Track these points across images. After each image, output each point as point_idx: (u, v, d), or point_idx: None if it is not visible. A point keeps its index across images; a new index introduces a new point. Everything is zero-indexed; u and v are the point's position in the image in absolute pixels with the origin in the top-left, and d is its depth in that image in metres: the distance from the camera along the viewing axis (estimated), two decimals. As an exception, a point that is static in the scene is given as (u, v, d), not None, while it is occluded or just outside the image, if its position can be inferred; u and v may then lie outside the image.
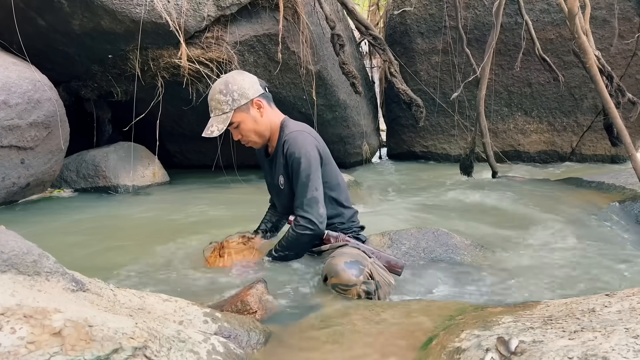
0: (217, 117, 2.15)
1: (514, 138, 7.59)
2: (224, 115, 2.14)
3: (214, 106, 2.17)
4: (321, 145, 2.24)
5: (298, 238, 2.14)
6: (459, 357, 1.10)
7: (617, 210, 3.51)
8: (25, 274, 1.11)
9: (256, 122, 2.19)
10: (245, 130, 2.20)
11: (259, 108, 2.19)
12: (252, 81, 2.20)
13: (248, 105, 2.16)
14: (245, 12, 4.87)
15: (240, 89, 2.15)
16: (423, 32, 7.46)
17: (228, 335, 1.32)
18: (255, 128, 2.20)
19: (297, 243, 2.16)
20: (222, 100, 2.13)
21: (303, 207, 2.12)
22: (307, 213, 2.11)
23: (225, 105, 2.13)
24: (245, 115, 2.17)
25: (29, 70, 4.00)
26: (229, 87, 2.14)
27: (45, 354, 0.86)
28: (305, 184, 2.11)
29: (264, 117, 2.21)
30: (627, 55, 6.91)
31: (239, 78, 2.18)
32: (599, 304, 1.21)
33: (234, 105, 2.13)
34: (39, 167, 4.07)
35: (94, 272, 2.00)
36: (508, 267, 2.41)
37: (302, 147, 2.13)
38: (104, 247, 2.94)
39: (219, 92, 2.15)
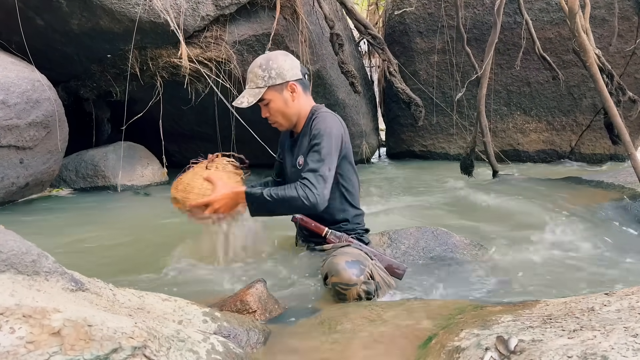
0: (250, 89, 2.16)
1: (513, 137, 7.60)
2: (257, 89, 2.14)
3: (250, 78, 2.17)
4: (346, 136, 2.21)
5: (295, 198, 1.98)
6: (458, 356, 1.10)
7: (616, 208, 3.52)
8: (24, 274, 1.11)
9: (286, 104, 2.18)
10: (273, 109, 2.18)
11: (293, 92, 2.18)
12: (294, 64, 2.20)
13: (283, 86, 2.16)
14: (244, 12, 4.87)
15: (279, 68, 2.15)
16: (422, 32, 7.46)
17: (227, 334, 1.32)
18: (284, 110, 2.19)
19: (289, 202, 2.00)
20: (259, 75, 2.14)
21: (313, 178, 2.01)
22: (314, 186, 1.99)
23: (261, 80, 2.14)
24: (277, 95, 2.16)
25: (28, 70, 4.00)
26: (270, 64, 2.15)
27: (45, 353, 0.86)
28: (321, 160, 2.04)
29: (295, 102, 2.19)
30: (626, 54, 6.92)
31: (281, 58, 2.19)
32: (598, 303, 1.21)
33: (269, 83, 2.13)
34: (38, 166, 4.07)
35: (93, 271, 2.00)
36: (507, 266, 2.41)
37: (330, 126, 2.11)
38: (102, 247, 2.94)
39: (259, 66, 2.15)
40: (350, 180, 2.26)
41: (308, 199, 1.97)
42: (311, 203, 1.98)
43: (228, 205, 2.10)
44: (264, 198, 2.02)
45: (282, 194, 2.00)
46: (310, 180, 2.00)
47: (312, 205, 1.99)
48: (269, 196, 2.01)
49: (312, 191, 1.98)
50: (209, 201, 2.06)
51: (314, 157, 2.05)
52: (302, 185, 1.99)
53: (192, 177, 2.17)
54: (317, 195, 1.98)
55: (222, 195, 2.06)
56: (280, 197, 2.00)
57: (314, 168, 2.02)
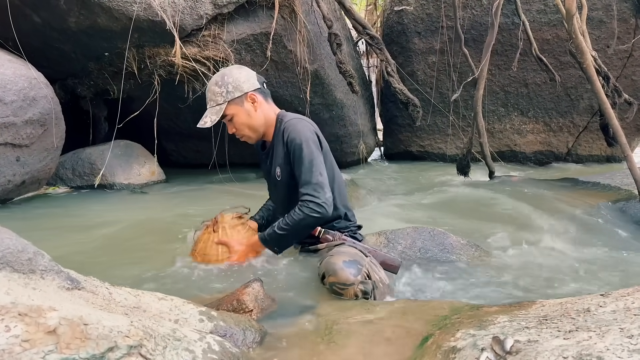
0: (211, 108, 2.18)
1: (510, 138, 7.61)
2: (218, 107, 2.16)
3: (209, 97, 2.19)
4: (320, 135, 2.24)
5: (304, 219, 2.05)
6: (454, 356, 1.10)
7: (612, 210, 3.53)
8: (20, 272, 1.11)
9: (250, 116, 2.20)
10: (238, 123, 2.21)
11: (253, 102, 2.19)
12: (249, 75, 2.22)
13: (242, 98, 2.18)
14: (242, 11, 4.87)
15: (235, 81, 2.17)
16: (420, 32, 7.46)
17: (224, 334, 1.32)
18: (249, 122, 2.21)
19: (302, 224, 2.08)
20: (217, 92, 2.16)
21: (309, 191, 2.06)
22: (314, 197, 2.05)
23: (220, 97, 2.16)
24: (238, 108, 2.18)
25: (25, 68, 3.98)
26: (225, 79, 2.17)
27: (40, 352, 0.86)
28: (309, 169, 2.08)
29: (258, 112, 2.21)
30: (623, 56, 6.94)
31: (236, 72, 2.21)
32: (593, 304, 1.21)
33: (228, 97, 2.15)
34: (35, 164, 4.06)
35: (89, 270, 2.00)
36: (504, 266, 2.41)
37: (302, 132, 2.13)
38: (99, 246, 2.93)
39: (215, 83, 2.18)
40: (334, 180, 2.28)
41: (316, 212, 2.05)
42: (320, 214, 2.06)
43: (249, 255, 2.22)
44: (278, 235, 2.12)
45: (291, 221, 2.08)
46: (308, 194, 2.06)
47: (322, 216, 2.07)
48: (281, 230, 2.11)
49: (315, 203, 2.05)
50: (232, 259, 2.19)
51: (301, 168, 2.10)
52: (303, 205, 2.06)
53: (205, 246, 2.25)
54: (322, 203, 2.05)
55: (241, 253, 2.20)
56: (292, 225, 2.08)
57: (307, 180, 2.08)
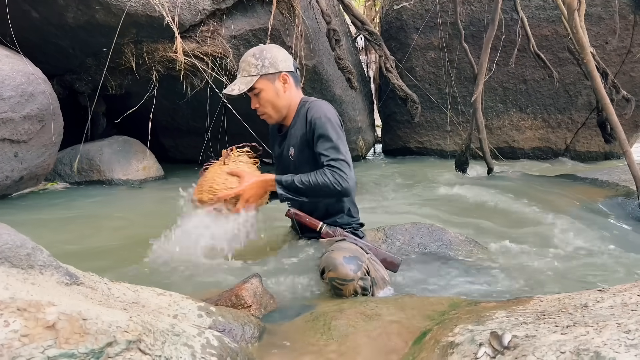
0: (242, 78, 2.14)
1: (509, 134, 7.61)
2: (250, 77, 2.13)
3: (243, 67, 2.16)
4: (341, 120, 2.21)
5: (328, 185, 1.98)
6: (452, 351, 1.11)
7: (610, 206, 3.54)
8: (18, 267, 1.11)
9: (277, 95, 2.17)
10: (264, 99, 2.17)
11: (285, 82, 2.17)
12: (287, 57, 2.21)
13: (275, 76, 2.15)
14: (240, 6, 4.86)
15: (273, 58, 2.15)
16: (419, 28, 7.45)
17: (222, 329, 1.32)
18: (275, 101, 2.17)
19: (323, 189, 2.00)
20: (252, 63, 2.13)
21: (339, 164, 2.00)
22: (343, 172, 1.99)
23: (254, 69, 2.13)
24: (269, 85, 2.15)
25: (23, 63, 3.97)
26: (263, 53, 2.15)
27: (39, 347, 0.86)
28: (336, 145, 2.03)
29: (287, 93, 2.19)
30: (621, 52, 6.93)
31: (275, 49, 2.20)
32: (591, 299, 1.21)
33: (262, 71, 2.13)
34: (33, 160, 4.05)
35: (88, 265, 2.00)
36: (501, 262, 2.42)
37: (328, 111, 2.11)
38: (98, 241, 2.93)
39: (252, 55, 2.15)
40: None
41: (340, 185, 1.99)
42: (343, 188, 2.00)
43: (258, 194, 2.11)
44: (296, 185, 2.04)
45: (314, 180, 2.01)
46: (337, 166, 2.00)
47: (344, 190, 2.00)
48: (300, 183, 2.03)
49: (342, 177, 1.99)
50: (240, 192, 2.06)
51: (327, 145, 2.04)
52: (332, 172, 2.00)
53: (214, 175, 2.15)
54: (349, 179, 2.00)
55: (251, 184, 2.08)
56: (313, 184, 2.01)
57: (335, 156, 2.02)
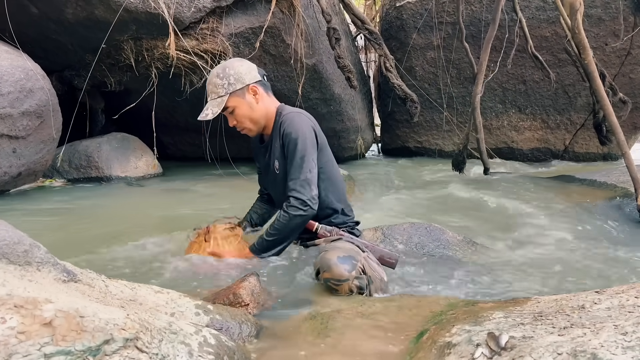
0: (213, 100, 2.16)
1: (508, 135, 7.62)
2: (219, 98, 2.15)
3: (210, 90, 2.18)
4: (317, 129, 2.23)
5: (290, 220, 2.08)
6: (449, 351, 1.11)
7: (608, 207, 3.54)
8: (16, 264, 1.11)
9: (251, 108, 2.19)
10: (239, 115, 2.19)
11: (255, 94, 2.19)
12: (250, 68, 2.21)
13: (244, 90, 2.17)
14: (240, 4, 4.85)
15: (236, 73, 2.16)
16: (419, 27, 7.45)
17: (220, 327, 1.32)
18: (250, 114, 2.19)
19: (289, 225, 2.10)
20: (219, 84, 2.15)
21: (296, 187, 2.08)
22: (299, 194, 2.07)
23: (221, 89, 2.14)
24: (240, 100, 2.17)
25: (21, 59, 3.96)
26: (226, 71, 2.16)
27: (36, 344, 0.86)
28: (299, 165, 2.09)
29: (260, 104, 2.20)
30: (621, 54, 6.94)
31: (237, 64, 2.20)
32: (588, 300, 1.22)
33: (230, 89, 2.14)
34: (31, 156, 4.04)
35: (86, 262, 1.99)
36: (499, 263, 2.42)
37: (299, 127, 2.13)
38: (96, 238, 2.92)
39: (216, 75, 2.16)
40: (332, 173, 2.28)
41: (301, 210, 2.07)
42: (305, 212, 2.08)
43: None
44: (268, 242, 2.13)
45: (279, 225, 2.10)
46: (294, 190, 2.08)
47: (307, 213, 2.09)
48: (270, 237, 2.12)
49: (299, 200, 2.07)
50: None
51: (292, 163, 2.10)
52: (288, 206, 2.08)
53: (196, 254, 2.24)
54: (307, 200, 2.07)
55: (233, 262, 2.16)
56: (280, 229, 2.10)
57: (295, 176, 2.09)
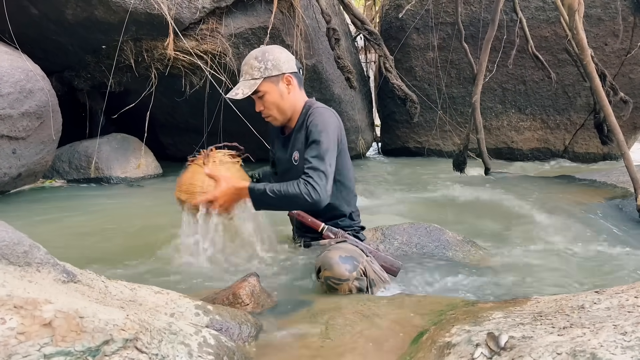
0: (245, 81, 2.13)
1: (508, 135, 7.62)
2: (253, 81, 2.11)
3: (245, 70, 2.14)
4: (342, 132, 2.21)
5: (298, 196, 1.98)
6: (449, 351, 1.11)
7: (608, 207, 3.54)
8: (15, 265, 1.11)
9: (282, 97, 2.15)
10: (269, 102, 2.15)
11: (288, 84, 2.16)
12: (289, 58, 2.19)
13: (279, 77, 2.13)
14: (240, 4, 4.85)
15: (275, 60, 2.13)
16: (418, 28, 7.45)
17: (219, 327, 1.32)
18: (280, 103, 2.16)
19: (292, 200, 2.01)
20: (255, 66, 2.11)
21: (316, 175, 2.01)
22: (316, 183, 1.99)
23: (257, 72, 2.11)
24: (273, 87, 2.13)
25: (21, 60, 3.97)
26: (266, 55, 2.13)
27: (36, 344, 0.86)
28: (322, 156, 2.03)
29: (291, 95, 2.17)
30: (620, 54, 6.94)
31: (277, 51, 2.17)
32: (588, 300, 1.22)
33: (265, 74, 2.11)
34: (31, 157, 4.04)
35: (86, 263, 1.99)
36: (499, 263, 2.42)
37: (328, 122, 2.10)
38: (95, 239, 2.93)
39: (255, 58, 2.13)
40: (347, 176, 2.26)
41: (311, 196, 1.97)
42: (314, 200, 1.98)
43: (232, 200, 2.11)
44: (267, 195, 2.02)
45: (285, 190, 2.00)
46: (312, 177, 1.99)
47: (314, 202, 1.99)
48: (272, 192, 2.01)
49: (314, 188, 1.98)
50: (213, 197, 2.07)
51: (314, 153, 2.04)
52: (305, 183, 1.99)
53: (192, 175, 2.16)
54: (320, 192, 1.99)
55: (225, 191, 2.07)
56: (284, 194, 2.00)
57: (315, 165, 2.02)
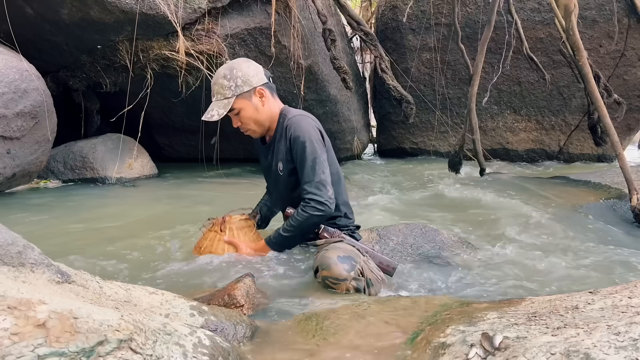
0: (218, 101, 2.14)
1: (503, 136, 7.64)
2: (226, 100, 2.12)
3: (216, 90, 2.15)
4: (322, 131, 2.24)
5: (308, 218, 2.10)
6: (444, 352, 1.11)
7: (602, 208, 3.56)
8: (9, 265, 1.10)
9: (257, 110, 2.17)
10: (245, 117, 2.18)
11: (262, 97, 2.17)
12: (257, 70, 2.19)
13: (251, 92, 2.15)
14: (236, 5, 4.85)
15: (244, 75, 2.14)
16: (414, 29, 7.47)
17: (214, 328, 1.32)
18: (256, 117, 2.18)
19: (306, 224, 2.12)
20: (225, 85, 2.12)
21: (313, 189, 2.09)
22: (316, 195, 2.08)
23: (228, 91, 2.12)
24: (246, 103, 2.15)
25: (16, 60, 3.95)
26: (234, 72, 2.13)
27: (29, 345, 0.85)
28: (312, 167, 2.10)
29: (266, 107, 2.19)
30: (615, 55, 6.97)
31: (244, 65, 2.18)
32: (582, 301, 1.22)
33: (237, 92, 2.12)
34: (26, 157, 4.03)
35: (80, 264, 1.99)
36: (494, 263, 2.43)
37: (306, 130, 2.13)
38: (90, 239, 2.92)
39: (223, 76, 2.14)
40: (337, 175, 2.28)
41: (319, 210, 2.08)
42: (323, 212, 2.10)
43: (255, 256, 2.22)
44: (284, 237, 2.16)
45: (296, 222, 2.12)
46: (311, 192, 2.09)
47: (325, 213, 2.11)
48: (286, 232, 2.15)
49: (318, 202, 2.08)
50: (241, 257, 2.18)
51: (304, 166, 2.11)
52: (305, 204, 2.10)
53: (212, 244, 2.25)
54: (324, 201, 2.09)
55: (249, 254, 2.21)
56: (297, 226, 2.12)
57: (310, 178, 2.10)
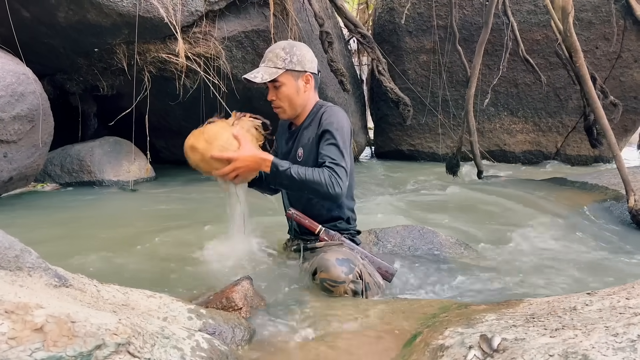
0: (267, 67, 2.11)
1: (500, 138, 7.66)
2: (275, 69, 2.10)
3: (269, 58, 2.13)
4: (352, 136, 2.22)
5: (321, 184, 1.95)
6: (442, 354, 1.11)
7: (599, 209, 3.56)
8: (6, 269, 1.10)
9: (297, 93, 2.16)
10: (283, 94, 2.15)
11: (307, 83, 2.17)
12: (313, 58, 2.20)
13: (300, 74, 2.14)
14: (233, 8, 4.85)
15: (301, 56, 2.14)
16: (411, 31, 7.48)
17: (212, 331, 1.32)
18: (293, 98, 2.16)
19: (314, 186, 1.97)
20: (281, 56, 2.11)
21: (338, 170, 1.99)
22: (340, 178, 1.98)
23: (281, 62, 2.11)
24: (292, 81, 2.13)
25: (13, 63, 3.94)
26: (293, 49, 2.13)
27: (27, 349, 0.85)
28: (341, 153, 2.03)
29: (306, 94, 2.18)
30: (611, 57, 7.00)
31: (305, 48, 2.19)
32: (580, 302, 1.22)
33: (289, 66, 2.11)
34: (22, 161, 4.01)
35: (78, 267, 1.98)
36: (492, 265, 2.43)
37: (342, 119, 2.12)
38: (88, 243, 2.91)
39: (282, 48, 2.13)
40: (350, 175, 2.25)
41: (333, 188, 1.95)
42: (335, 192, 1.96)
43: (250, 168, 2.02)
44: (290, 174, 1.98)
45: (310, 175, 1.96)
46: (336, 171, 1.98)
47: (334, 195, 1.97)
48: (295, 174, 1.97)
49: (337, 182, 1.96)
50: (234, 157, 1.96)
51: (333, 149, 2.03)
52: (330, 174, 1.97)
53: (219, 130, 2.02)
54: (342, 186, 1.97)
55: (248, 157, 1.98)
56: (307, 179, 1.96)
57: (338, 161, 2.00)
